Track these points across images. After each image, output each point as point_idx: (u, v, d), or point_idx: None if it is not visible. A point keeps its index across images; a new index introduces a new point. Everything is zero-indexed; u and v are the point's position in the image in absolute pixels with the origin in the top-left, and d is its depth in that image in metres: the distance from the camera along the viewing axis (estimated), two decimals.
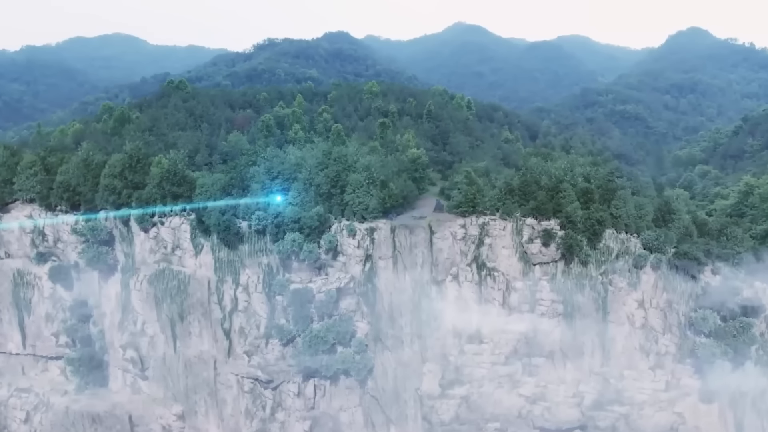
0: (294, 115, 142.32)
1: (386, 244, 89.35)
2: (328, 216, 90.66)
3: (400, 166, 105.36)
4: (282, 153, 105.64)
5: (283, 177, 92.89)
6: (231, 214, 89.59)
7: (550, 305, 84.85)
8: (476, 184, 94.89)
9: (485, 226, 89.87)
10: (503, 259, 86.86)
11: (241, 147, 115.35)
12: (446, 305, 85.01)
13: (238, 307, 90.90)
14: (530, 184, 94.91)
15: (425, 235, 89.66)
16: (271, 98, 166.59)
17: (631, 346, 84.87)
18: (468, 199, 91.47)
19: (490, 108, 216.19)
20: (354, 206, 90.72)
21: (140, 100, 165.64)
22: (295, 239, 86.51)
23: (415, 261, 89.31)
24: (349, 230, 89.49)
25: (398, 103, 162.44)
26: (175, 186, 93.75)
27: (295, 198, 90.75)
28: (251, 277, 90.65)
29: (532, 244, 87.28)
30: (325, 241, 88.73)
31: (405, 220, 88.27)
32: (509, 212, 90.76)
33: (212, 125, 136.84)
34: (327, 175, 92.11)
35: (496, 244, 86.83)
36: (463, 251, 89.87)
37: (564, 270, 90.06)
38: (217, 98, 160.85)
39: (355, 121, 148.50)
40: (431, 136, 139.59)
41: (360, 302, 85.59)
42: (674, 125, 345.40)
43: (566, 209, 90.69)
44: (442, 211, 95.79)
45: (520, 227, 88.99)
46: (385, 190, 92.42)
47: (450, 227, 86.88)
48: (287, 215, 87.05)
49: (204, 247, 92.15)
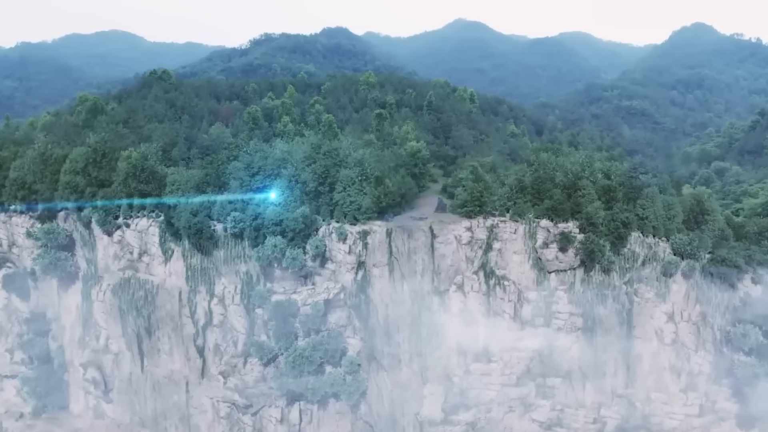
0: (284, 106, 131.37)
1: (381, 249, 78.77)
2: (315, 217, 79.82)
3: (397, 161, 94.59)
4: (268, 147, 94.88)
5: (264, 173, 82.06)
6: (204, 215, 78.80)
7: (567, 319, 77.31)
8: (483, 180, 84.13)
9: (494, 228, 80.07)
10: (514, 267, 79.40)
11: (223, 140, 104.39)
12: (450, 319, 77.23)
13: (213, 321, 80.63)
14: (544, 181, 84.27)
15: (426, 239, 79.22)
16: (260, 90, 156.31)
17: (660, 365, 77.89)
18: (474, 198, 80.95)
19: (494, 101, 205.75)
20: (345, 206, 79.88)
21: (120, 91, 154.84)
22: (277, 244, 75.68)
23: (414, 268, 79.14)
24: (339, 234, 78.58)
25: (396, 94, 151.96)
26: (143, 183, 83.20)
27: (277, 197, 79.71)
28: (228, 287, 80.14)
29: (548, 250, 79.99)
30: (312, 246, 77.91)
31: (403, 221, 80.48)
32: (521, 213, 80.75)
33: (194, 117, 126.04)
34: (314, 171, 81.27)
35: (506, 250, 79.64)
36: (468, 257, 79.96)
37: (583, 279, 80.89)
38: (202, 89, 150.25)
39: (350, 113, 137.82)
40: (432, 129, 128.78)
41: (351, 316, 76.31)
42: (682, 121, 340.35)
43: (586, 210, 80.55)
44: (444, 211, 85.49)
45: (533, 230, 79.31)
46: (380, 188, 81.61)
47: (454, 230, 78.88)
48: (268, 217, 76.23)
49: (174, 253, 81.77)
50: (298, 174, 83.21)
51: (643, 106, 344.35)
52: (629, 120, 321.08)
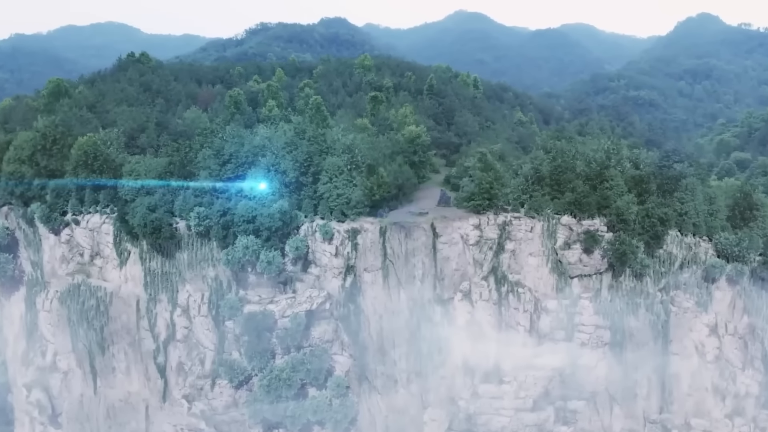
0: (269, 89, 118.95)
1: (374, 250, 67.11)
2: (296, 213, 67.97)
3: (393, 148, 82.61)
4: (249, 133, 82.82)
5: (237, 162, 69.91)
6: (164, 210, 66.68)
7: (592, 332, 68.38)
8: (494, 169, 72.22)
9: (506, 226, 68.92)
10: (530, 271, 70.04)
11: (199, 125, 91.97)
12: (454, 332, 67.83)
13: (176, 336, 69.28)
14: (565, 171, 72.49)
15: (426, 239, 67.61)
16: (247, 74, 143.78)
17: (701, 385, 69.05)
18: (483, 190, 69.20)
19: (499, 88, 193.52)
20: (331, 200, 67.99)
21: (93, 74, 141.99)
22: (249, 245, 63.82)
23: (412, 273, 67.86)
24: (324, 232, 66.66)
25: (394, 78, 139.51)
26: (96, 173, 70.79)
27: (251, 189, 67.63)
28: (193, 295, 68.57)
29: (570, 251, 69.56)
30: (291, 247, 66.04)
31: (400, 217, 70.47)
32: (538, 208, 69.41)
33: (170, 102, 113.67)
34: (295, 159, 69.18)
35: (520, 251, 69.92)
36: (477, 260, 68.66)
37: (611, 285, 70.15)
38: (182, 73, 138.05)
39: (343, 97, 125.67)
40: (434, 114, 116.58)
41: (339, 329, 67.14)
42: (691, 112, 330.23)
43: (616, 204, 69.05)
44: (448, 205, 73.95)
45: (552, 228, 68.45)
46: (373, 178, 69.72)
47: (460, 228, 68.54)
48: (238, 213, 64.25)
49: (131, 255, 70.28)
50: (277, 162, 71.09)
51: (650, 96, 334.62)
52: (637, 111, 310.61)
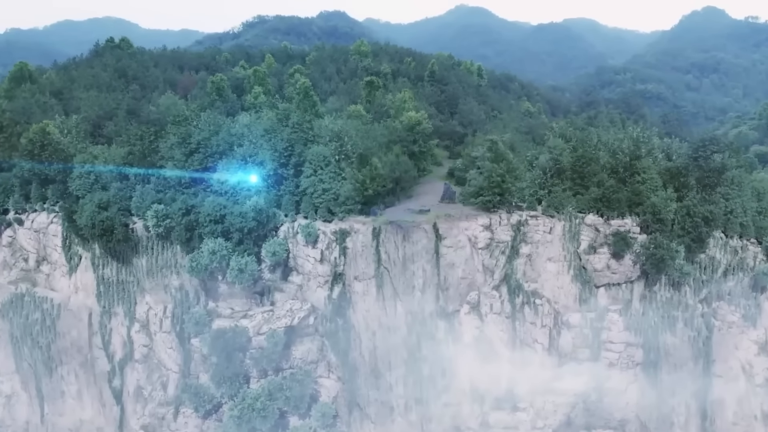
0: (256, 75, 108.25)
1: (366, 255, 56.98)
2: (274, 212, 57.96)
3: (390, 136, 72.30)
4: (229, 121, 72.72)
5: (206, 151, 59.74)
6: (118, 208, 56.39)
7: (622, 351, 59.70)
8: (506, 159, 61.79)
9: (521, 226, 59.19)
10: (549, 279, 60.71)
11: (175, 112, 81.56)
12: (461, 351, 58.46)
13: (134, 356, 59.48)
14: (589, 162, 61.98)
15: (428, 242, 57.43)
16: (234, 60, 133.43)
17: (749, 412, 60.36)
18: (494, 183, 59.17)
19: (504, 78, 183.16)
20: (315, 196, 57.93)
21: (68, 61, 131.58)
22: (217, 250, 53.75)
23: (411, 282, 57.90)
24: (307, 234, 56.53)
25: (393, 64, 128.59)
26: (44, 164, 60.57)
27: (222, 184, 57.38)
28: (154, 308, 58.54)
29: (596, 256, 60.74)
30: (268, 251, 55.99)
31: (397, 215, 61.28)
32: (558, 205, 60.05)
33: (146, 88, 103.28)
34: (274, 147, 58.90)
35: (538, 256, 60.69)
36: (487, 266, 58.85)
37: (644, 295, 61.00)
38: (163, 59, 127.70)
39: (337, 83, 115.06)
40: (436, 102, 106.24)
41: (325, 348, 57.42)
42: (700, 106, 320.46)
43: (650, 201, 58.37)
44: (453, 201, 64.21)
45: (575, 229, 58.89)
46: (365, 170, 59.70)
47: (467, 229, 58.96)
48: (204, 211, 53.93)
49: (82, 261, 60.79)
50: (255, 153, 60.86)
51: (658, 90, 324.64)
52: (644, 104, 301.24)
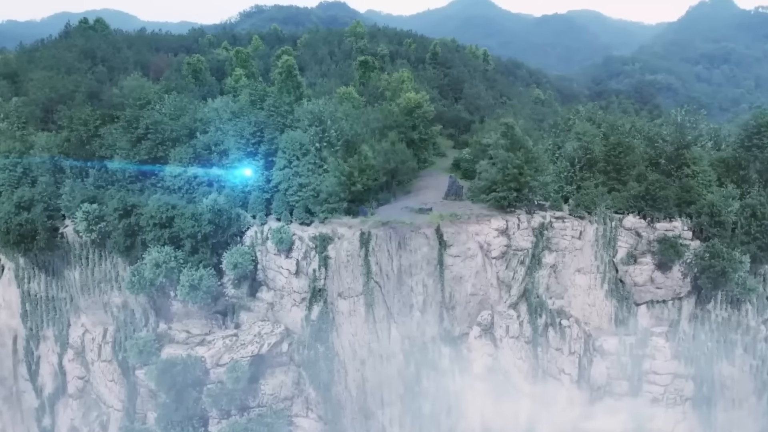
0: (238, 57, 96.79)
1: (352, 267, 45.69)
2: (238, 213, 46.41)
3: (385, 121, 60.84)
4: (198, 105, 62.01)
5: (156, 138, 48.51)
6: (43, 208, 45.20)
7: (669, 383, 49.68)
8: (524, 147, 50.38)
9: (544, 230, 48.20)
10: (579, 295, 49.95)
11: (141, 96, 70.33)
12: (470, 384, 48.20)
13: (68, 389, 48.65)
14: (626, 152, 50.77)
15: (430, 250, 46.13)
16: (218, 42, 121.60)
17: None
18: (510, 177, 48.14)
19: (512, 64, 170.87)
20: (290, 192, 46.66)
21: (35, 43, 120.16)
22: (162, 261, 42.32)
23: (408, 300, 46.49)
24: (279, 240, 45.24)
25: (391, 45, 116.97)
26: None
27: (174, 178, 46.23)
28: (91, 331, 47.35)
29: (636, 266, 49.94)
30: (229, 262, 44.67)
31: (392, 215, 50.33)
32: (589, 204, 48.94)
33: (115, 70, 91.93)
34: (240, 133, 47.60)
35: (565, 266, 50.05)
36: (502, 280, 47.43)
37: (695, 315, 50.35)
38: (140, 40, 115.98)
39: (329, 65, 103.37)
40: (439, 86, 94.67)
41: (302, 381, 46.82)
42: (711, 97, 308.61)
43: (705, 199, 46.95)
44: (460, 197, 53.12)
45: (611, 233, 48.34)
46: (353, 160, 48.53)
47: (477, 233, 47.44)
48: (147, 212, 42.69)
49: (5, 273, 48.61)
50: (218, 140, 49.73)
51: (668, 80, 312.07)
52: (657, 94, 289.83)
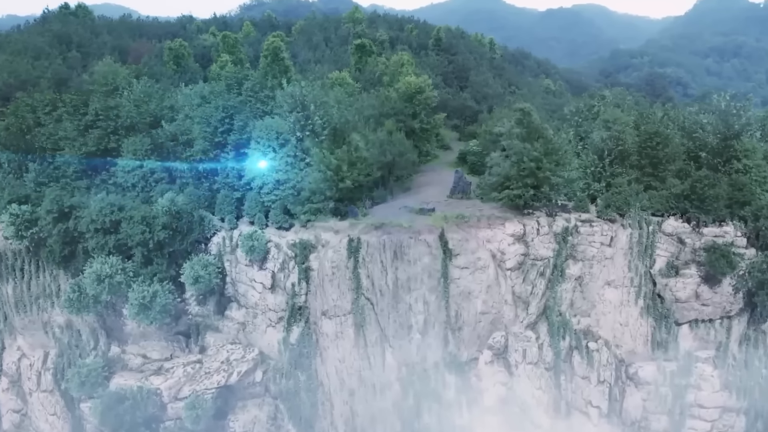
0: (225, 42, 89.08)
1: (339, 280, 38.02)
2: (202, 215, 38.73)
3: (382, 108, 52.96)
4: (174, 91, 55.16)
5: (107, 127, 40.97)
6: None
7: (717, 418, 41.78)
8: (544, 137, 42.51)
9: (568, 235, 40.47)
10: (610, 313, 41.86)
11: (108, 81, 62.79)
12: (480, 419, 39.76)
13: (2, 425, 40.49)
14: (665, 143, 42.99)
15: (432, 260, 38.52)
16: (208, 29, 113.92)
17: None
18: (526, 171, 40.54)
19: (519, 54, 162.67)
20: (265, 191, 38.71)
21: (12, 27, 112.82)
22: (106, 273, 34.76)
23: (406, 320, 38.79)
24: (250, 248, 37.50)
25: (392, 32, 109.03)
26: None
27: (128, 173, 38.66)
28: (28, 355, 39.92)
29: (679, 279, 41.88)
30: (189, 276, 36.87)
31: (388, 215, 42.24)
32: (622, 204, 42.08)
33: (90, 56, 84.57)
34: (206, 120, 39.96)
35: (593, 278, 41.90)
36: (519, 295, 39.91)
37: (747, 337, 43.32)
38: (120, 27, 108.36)
39: (324, 51, 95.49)
40: (443, 73, 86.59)
41: (279, 415, 41.26)
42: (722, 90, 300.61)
43: (762, 199, 39.53)
44: (467, 195, 45.64)
45: (648, 239, 42.02)
46: (341, 152, 40.67)
47: (489, 239, 40.78)
48: (88, 215, 35.03)
49: None
50: (187, 129, 42.19)
51: (678, 74, 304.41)
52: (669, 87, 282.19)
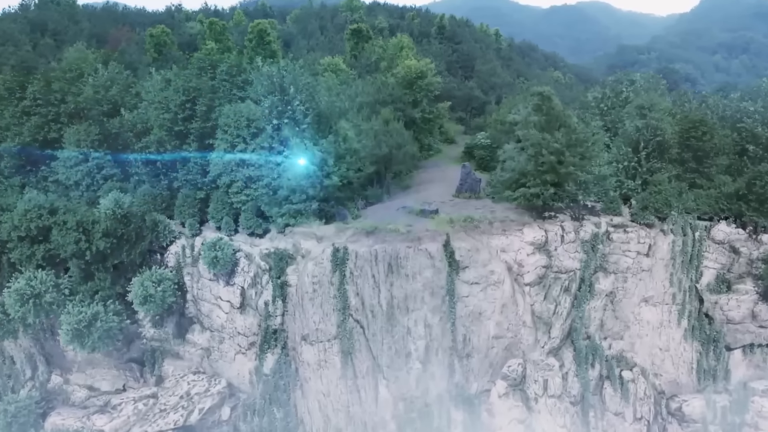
0: (212, 29, 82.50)
1: (322, 299, 31.52)
2: (156, 219, 32.03)
3: (377, 95, 46.20)
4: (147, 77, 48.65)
5: (49, 113, 34.37)
6: None
7: None
8: (566, 125, 35.65)
9: (598, 243, 33.17)
10: (647, 335, 35.21)
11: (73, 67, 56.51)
12: None
13: None
14: (710, 134, 36.23)
15: (434, 273, 31.87)
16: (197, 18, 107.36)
17: None
18: (546, 166, 33.79)
19: (526, 47, 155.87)
20: (234, 190, 32.04)
21: None
22: (37, 291, 27.97)
23: (404, 346, 32.18)
24: (212, 260, 30.67)
25: (392, 20, 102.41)
26: None
27: (69, 169, 32.13)
28: None
29: (730, 296, 35.37)
30: (139, 294, 30.17)
31: (384, 217, 35.51)
32: (662, 206, 35.60)
33: (65, 43, 78.21)
34: (165, 106, 33.36)
35: (627, 294, 35.15)
36: (539, 315, 33.40)
37: None
38: (103, 15, 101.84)
39: (318, 40, 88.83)
40: (447, 61, 79.74)
41: None
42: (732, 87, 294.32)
43: None
44: (476, 194, 39.42)
45: (693, 248, 35.60)
46: (327, 142, 33.92)
47: (504, 248, 33.98)
48: (10, 219, 28.41)
49: None
50: (146, 118, 35.65)
51: (686, 70, 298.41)
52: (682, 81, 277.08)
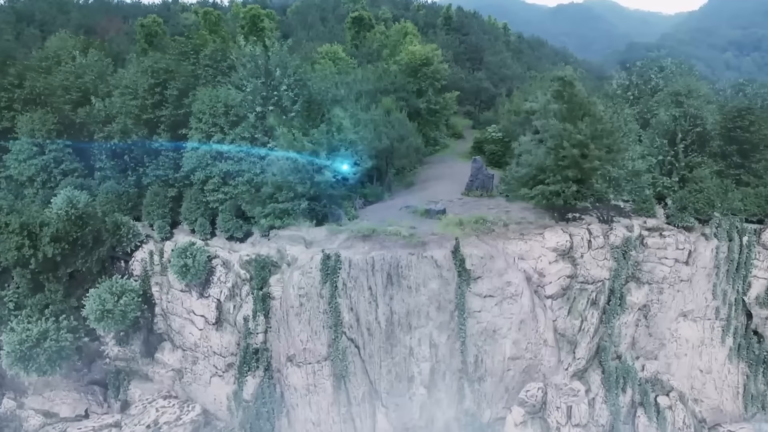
0: (206, 20, 78.41)
1: (310, 314, 27.25)
2: (119, 221, 27.66)
3: (378, 83, 41.83)
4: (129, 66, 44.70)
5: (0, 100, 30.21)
6: None
7: None
8: (591, 114, 31.14)
9: (630, 250, 29.17)
10: (687, 355, 30.77)
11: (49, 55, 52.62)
12: None
13: None
14: (757, 123, 31.66)
15: (441, 284, 27.45)
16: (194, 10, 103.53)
17: None
18: (568, 161, 29.57)
19: (535, 42, 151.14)
20: (210, 187, 27.72)
21: None
22: None
23: (406, 368, 27.92)
24: (182, 268, 26.34)
25: (397, 11, 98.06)
26: None
27: (21, 164, 27.95)
28: None
29: None
30: (95, 308, 25.81)
31: (385, 217, 30.81)
32: (703, 207, 31.10)
33: (50, 33, 74.32)
34: (133, 92, 29.11)
35: (663, 308, 30.56)
36: (562, 332, 29.03)
37: None
38: (95, 6, 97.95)
39: (318, 30, 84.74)
40: (455, 53, 75.23)
41: None
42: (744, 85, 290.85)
43: None
44: (489, 192, 35.25)
45: (740, 256, 31.20)
46: (318, 132, 29.41)
47: (522, 254, 29.02)
48: None
49: None
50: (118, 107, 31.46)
51: (698, 68, 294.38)
52: None
